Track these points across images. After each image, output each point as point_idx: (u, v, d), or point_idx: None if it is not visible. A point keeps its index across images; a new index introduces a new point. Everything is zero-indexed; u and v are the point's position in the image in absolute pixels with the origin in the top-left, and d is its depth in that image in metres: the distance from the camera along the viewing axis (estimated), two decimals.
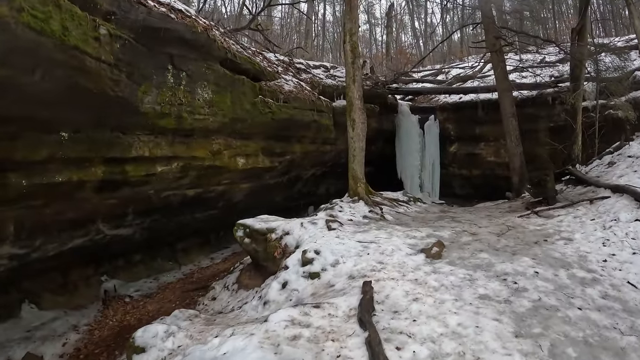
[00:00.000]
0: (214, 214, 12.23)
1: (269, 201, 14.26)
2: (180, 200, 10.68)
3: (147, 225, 10.40)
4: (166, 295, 9.76)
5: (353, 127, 10.04)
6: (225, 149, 10.97)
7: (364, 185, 9.83)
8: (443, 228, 7.97)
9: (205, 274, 11.19)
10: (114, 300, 9.42)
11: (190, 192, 10.82)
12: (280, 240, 7.81)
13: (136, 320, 8.46)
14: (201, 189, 11.10)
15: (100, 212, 9.01)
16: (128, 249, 10.71)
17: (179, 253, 12.31)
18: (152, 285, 10.44)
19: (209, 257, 12.71)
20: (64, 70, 6.38)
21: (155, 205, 10.12)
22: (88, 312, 8.84)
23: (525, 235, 7.29)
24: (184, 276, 11.16)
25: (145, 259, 11.26)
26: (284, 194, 15.06)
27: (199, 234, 12.93)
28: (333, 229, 7.45)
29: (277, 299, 6.04)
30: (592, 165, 12.02)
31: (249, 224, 8.61)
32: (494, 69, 13.94)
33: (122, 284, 10.09)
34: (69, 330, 8.06)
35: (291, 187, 15.17)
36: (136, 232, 10.26)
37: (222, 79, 10.11)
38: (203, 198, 11.37)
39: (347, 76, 10.30)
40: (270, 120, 11.77)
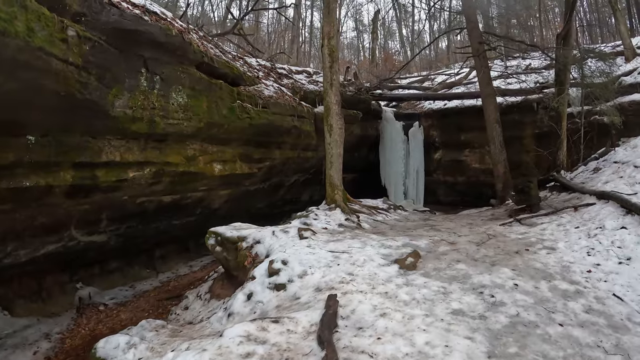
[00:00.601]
0: (192, 220, 11.90)
1: (250, 208, 13.98)
2: (156, 207, 10.37)
3: (122, 232, 10.08)
4: (140, 304, 9.50)
5: (330, 132, 9.69)
6: (201, 155, 10.68)
7: (341, 193, 9.46)
8: (421, 237, 7.60)
9: (182, 283, 10.88)
10: (88, 308, 9.20)
11: (167, 199, 10.49)
12: (251, 249, 7.44)
13: (108, 329, 8.17)
14: (178, 196, 10.77)
15: (73, 218, 8.72)
16: (103, 256, 10.43)
17: (157, 260, 11.99)
18: (127, 293, 10.19)
19: (188, 265, 12.39)
20: (28, 71, 6.17)
21: (131, 212, 9.83)
22: (61, 320, 8.60)
23: (506, 244, 6.94)
24: (160, 284, 10.88)
25: (122, 267, 11.00)
26: (267, 201, 14.76)
27: (177, 241, 12.59)
28: (305, 238, 7.06)
29: (242, 311, 5.64)
30: (577, 171, 11.80)
31: (221, 231, 8.25)
32: (477, 74, 13.72)
33: (97, 292, 9.84)
34: (40, 338, 7.82)
35: (273, 193, 14.87)
36: (111, 238, 9.94)
37: (198, 83, 9.85)
38: (180, 204, 11.05)
39: (325, 80, 9.96)
40: (249, 125, 11.45)
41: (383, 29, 45.20)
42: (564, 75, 12.82)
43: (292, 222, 8.40)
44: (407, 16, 43.89)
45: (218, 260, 8.57)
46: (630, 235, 6.42)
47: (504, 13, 14.82)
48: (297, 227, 7.45)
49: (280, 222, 9.12)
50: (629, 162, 9.36)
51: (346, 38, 48.89)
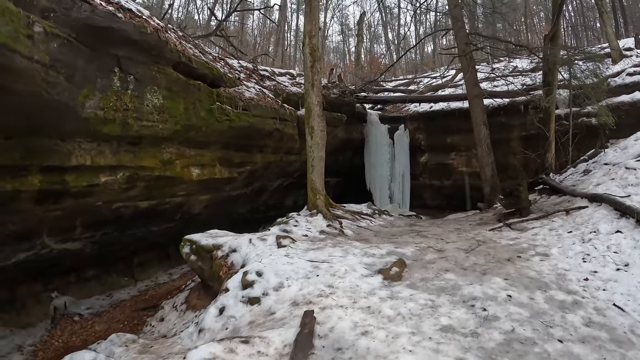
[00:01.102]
0: (171, 226, 11.52)
1: (232, 213, 13.63)
2: (133, 213, 10.02)
3: (98, 239, 9.71)
4: (116, 315, 9.15)
5: (312, 135, 9.29)
6: (178, 159, 10.29)
7: (323, 198, 9.04)
8: (407, 244, 7.17)
9: (160, 292, 10.48)
10: (63, 319, 8.86)
11: (143, 204, 10.15)
12: (227, 258, 7.00)
13: (82, 341, 7.86)
14: (155, 201, 10.42)
15: (45, 224, 8.35)
16: (79, 263, 10.05)
17: (136, 268, 11.62)
18: (104, 302, 9.83)
19: (168, 273, 12.01)
20: None
21: (106, 218, 9.45)
22: (35, 332, 8.28)
23: (497, 251, 6.55)
24: (138, 293, 10.56)
25: (99, 275, 10.65)
26: (249, 206, 14.41)
27: (157, 248, 12.18)
28: (283, 246, 6.60)
29: (213, 326, 5.20)
30: (567, 173, 11.60)
31: (196, 239, 7.83)
32: (463, 75, 13.39)
33: (73, 301, 9.49)
34: (12, 350, 7.53)
35: (256, 198, 14.50)
36: (86, 246, 9.56)
37: (175, 83, 9.51)
38: (158, 210, 10.69)
39: (306, 81, 9.57)
40: (228, 128, 11.07)
41: (369, 33, 45.23)
42: (552, 76, 12.59)
43: (271, 229, 7.95)
44: (393, 20, 43.86)
45: (193, 270, 8.19)
46: (626, 239, 6.13)
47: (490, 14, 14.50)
48: (276, 235, 6.99)
49: (260, 229, 8.66)
50: (620, 164, 9.11)
51: (332, 42, 48.88)
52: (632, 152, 9.83)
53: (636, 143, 10.39)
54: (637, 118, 12.86)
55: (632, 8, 31.51)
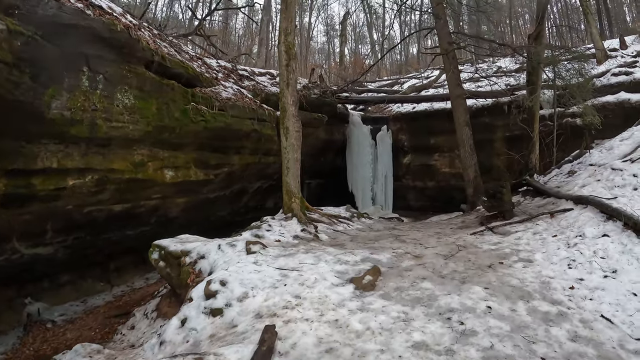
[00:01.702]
0: (147, 230, 11.18)
1: (211, 216, 13.29)
2: (106, 216, 9.75)
3: (70, 243, 9.42)
4: (88, 322, 8.86)
5: (287, 136, 8.91)
6: (150, 161, 9.98)
7: (299, 201, 8.64)
8: (383, 250, 6.76)
9: (135, 297, 10.21)
10: (35, 326, 8.67)
11: (117, 207, 9.87)
12: (195, 264, 6.61)
13: (52, 349, 7.64)
14: (129, 204, 10.14)
15: (15, 229, 8.11)
16: (53, 269, 9.74)
17: (112, 273, 11.30)
18: (78, 309, 9.57)
19: (144, 278, 11.70)
20: None
21: (78, 222, 9.19)
22: (7, 339, 8.10)
23: (478, 256, 6.18)
24: (113, 299, 10.30)
25: (74, 280, 10.34)
26: (229, 208, 14.05)
27: (133, 253, 11.79)
28: (253, 253, 6.18)
29: (174, 339, 4.81)
30: (551, 174, 11.41)
31: (165, 245, 7.44)
32: (446, 74, 13.10)
33: (46, 308, 9.24)
34: None
35: (236, 201, 14.16)
36: (58, 251, 9.27)
37: (147, 83, 9.24)
38: (133, 214, 10.41)
39: (281, 80, 9.19)
40: (203, 129, 10.75)
41: (354, 34, 45.17)
42: (536, 75, 12.37)
43: (243, 234, 7.53)
44: (378, 20, 43.70)
45: (162, 277, 7.85)
46: (614, 244, 5.85)
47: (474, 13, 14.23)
48: (245, 240, 6.57)
49: (233, 234, 8.27)
50: (606, 165, 8.88)
51: (317, 42, 48.65)
52: (618, 153, 9.66)
53: (622, 143, 10.23)
54: (623, 118, 12.72)
55: (616, 10, 31.70)
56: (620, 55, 17.34)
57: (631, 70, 15.34)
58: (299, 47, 39.68)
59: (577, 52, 13.33)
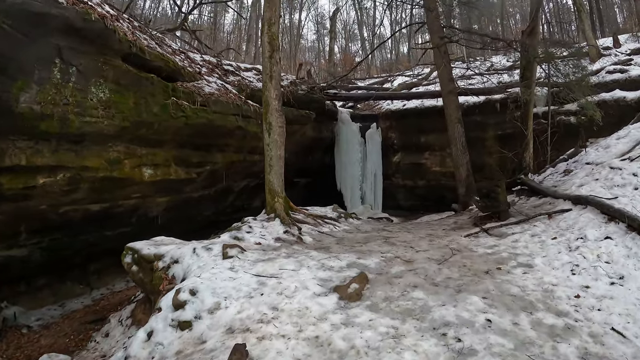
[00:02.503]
0: (127, 231, 10.63)
1: (195, 215, 12.83)
2: (83, 217, 9.37)
3: (46, 245, 9.08)
4: (64, 327, 8.47)
5: (269, 132, 8.41)
6: (127, 158, 9.54)
7: (282, 201, 8.13)
8: (371, 253, 6.26)
9: (113, 301, 9.78)
10: (10, 331, 8.28)
11: (94, 207, 9.49)
12: (168, 269, 6.08)
13: (25, 357, 7.36)
14: (107, 204, 9.74)
15: None
16: (30, 271, 9.38)
17: (92, 275, 10.84)
18: (55, 313, 9.19)
19: (125, 280, 11.09)
20: None
21: (53, 223, 8.86)
22: None
23: (474, 261, 5.72)
24: (92, 302, 9.89)
25: (52, 283, 9.93)
26: (214, 208, 13.61)
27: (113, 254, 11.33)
28: (229, 257, 5.66)
29: (139, 354, 4.30)
30: (546, 173, 11.07)
31: (138, 247, 6.94)
32: (437, 69, 12.65)
33: (23, 312, 8.87)
34: None
35: (222, 200, 13.72)
36: (34, 252, 8.97)
37: (124, 76, 8.83)
38: (111, 214, 10.01)
39: (264, 73, 8.70)
40: (184, 125, 10.26)
41: (345, 32, 44.86)
42: (530, 71, 12.00)
43: (221, 236, 7.00)
44: (369, 19, 43.36)
45: (135, 282, 7.37)
46: (618, 247, 5.49)
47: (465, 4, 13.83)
48: (223, 244, 6.05)
49: (212, 235, 7.78)
50: (604, 163, 8.54)
51: (307, 41, 48.36)
52: (615, 152, 9.35)
53: (618, 142, 9.96)
54: (618, 117, 12.43)
55: (607, 11, 31.67)
56: (614, 53, 17.19)
57: (626, 68, 15.15)
58: (289, 45, 39.34)
59: (573, 46, 12.94)
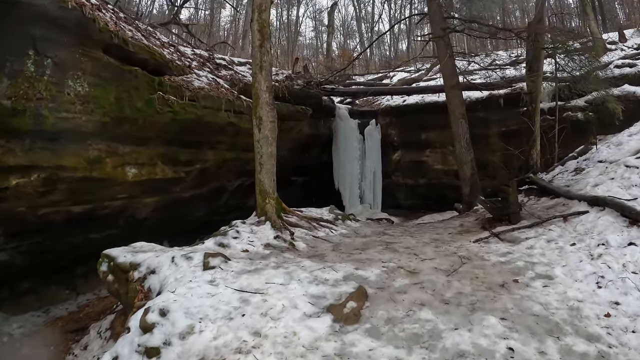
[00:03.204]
0: (114, 233, 10.08)
1: (187, 216, 12.23)
2: (65, 219, 8.82)
3: (26, 249, 8.61)
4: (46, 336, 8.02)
5: (260, 127, 7.80)
6: (108, 157, 8.95)
7: (274, 202, 7.50)
8: (371, 263, 5.63)
9: (97, 308, 9.23)
10: None
11: (77, 209, 8.94)
12: (144, 281, 5.44)
13: None
14: (91, 205, 9.18)
15: None
16: (12, 276, 8.91)
17: (78, 279, 10.28)
18: (39, 320, 8.70)
19: None
20: None
21: (33, 226, 8.38)
22: None
23: (487, 272, 5.10)
24: (77, 309, 9.36)
25: (37, 287, 9.45)
26: (207, 208, 12.99)
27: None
28: (211, 268, 5.02)
29: None
30: (554, 172, 10.54)
31: (114, 255, 6.27)
32: (439, 62, 12.04)
33: (5, 318, 8.43)
34: None
35: (215, 200, 13.13)
36: (14, 257, 8.52)
37: (105, 69, 8.29)
38: (96, 215, 9.45)
39: (254, 63, 8.08)
40: (171, 121, 9.69)
41: (343, 29, 44.38)
42: (537, 64, 11.44)
43: (205, 242, 6.36)
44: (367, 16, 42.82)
45: (110, 293, 6.78)
46: None
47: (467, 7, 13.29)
48: (205, 252, 5.42)
49: (197, 240, 7.19)
50: (618, 162, 8.00)
51: (305, 38, 47.89)
52: (629, 149, 8.81)
53: (631, 139, 9.45)
54: (627, 112, 11.86)
55: (609, 6, 31.32)
56: (620, 48, 16.74)
57: (635, 62, 14.63)
58: (286, 42, 38.83)
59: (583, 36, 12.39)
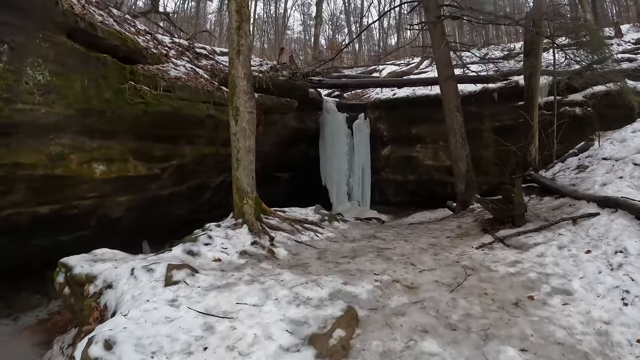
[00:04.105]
0: (86, 235, 9.50)
1: (167, 215, 11.57)
2: (31, 220, 8.27)
3: None
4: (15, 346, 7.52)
5: (236, 118, 7.04)
6: (73, 152, 8.27)
7: (252, 202, 6.67)
8: (362, 275, 4.85)
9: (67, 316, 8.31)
10: None
11: (43, 210, 8.36)
12: (100, 296, 4.66)
13: None
14: (58, 205, 8.56)
15: None
16: None
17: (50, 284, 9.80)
18: (7, 329, 8.15)
19: None
20: None
21: None
22: None
23: (496, 286, 4.40)
24: (48, 316, 8.70)
25: (5, 293, 8.91)
26: (188, 206, 12.37)
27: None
28: (174, 283, 4.23)
29: None
30: (554, 169, 10.01)
31: (71, 264, 5.48)
32: (433, 52, 11.32)
33: None
34: None
35: (197, 197, 12.48)
36: None
37: (70, 55, 7.61)
38: (65, 216, 8.80)
39: (230, 47, 7.30)
40: (143, 113, 9.01)
41: (332, 23, 43.84)
42: (535, 55, 10.82)
43: (173, 249, 5.54)
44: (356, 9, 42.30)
45: (66, 308, 6.16)
46: None
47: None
48: (168, 264, 4.64)
49: (166, 245, 6.44)
50: (625, 159, 7.45)
51: (293, 32, 47.57)
52: (635, 146, 8.36)
53: (635, 135, 8.89)
54: (627, 108, 11.38)
55: (601, 2, 31.23)
56: (617, 43, 16.48)
57: (635, 57, 14.39)
58: (274, 36, 38.26)
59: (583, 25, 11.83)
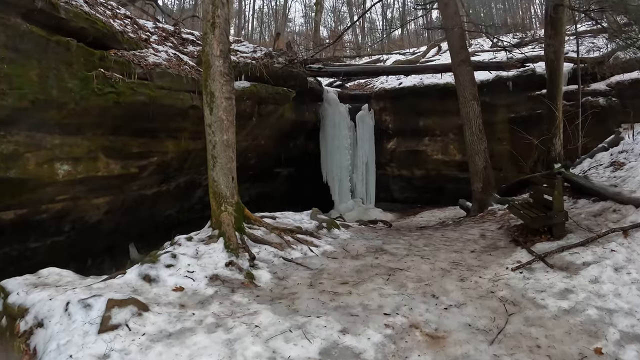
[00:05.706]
0: (61, 241, 8.89)
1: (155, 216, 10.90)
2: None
3: None
4: None
5: (211, 106, 5.84)
6: (30, 151, 7.46)
7: (232, 209, 5.36)
8: (367, 315, 3.55)
9: None
10: None
11: (7, 215, 7.69)
12: (30, 336, 3.70)
13: None
14: (24, 210, 7.88)
15: None
16: None
17: None
18: None
19: None
20: None
21: None
22: None
23: (549, 332, 3.19)
24: None
25: None
26: (178, 206, 11.64)
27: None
28: (112, 328, 3.06)
29: None
30: (583, 166, 9.00)
31: (9, 289, 4.50)
32: (446, 35, 10.24)
33: None
34: None
35: (187, 196, 11.68)
36: None
37: (25, 40, 6.82)
38: (33, 222, 8.16)
39: (204, 19, 6.13)
40: (114, 104, 8.00)
41: (334, 15, 42.98)
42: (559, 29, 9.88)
43: (127, 273, 4.35)
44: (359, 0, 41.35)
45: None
46: None
47: None
48: (108, 299, 3.44)
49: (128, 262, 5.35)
50: None
51: (295, 24, 47.08)
52: None
53: None
54: None
55: None
56: None
57: None
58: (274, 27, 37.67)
59: None
